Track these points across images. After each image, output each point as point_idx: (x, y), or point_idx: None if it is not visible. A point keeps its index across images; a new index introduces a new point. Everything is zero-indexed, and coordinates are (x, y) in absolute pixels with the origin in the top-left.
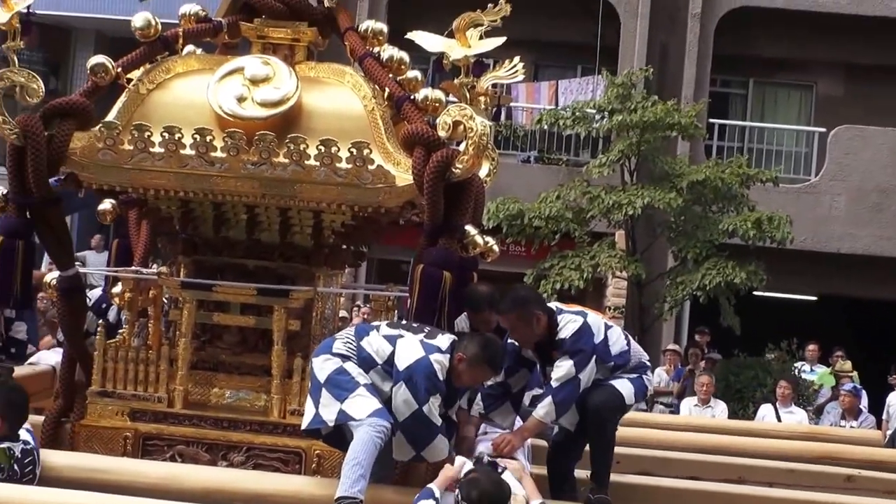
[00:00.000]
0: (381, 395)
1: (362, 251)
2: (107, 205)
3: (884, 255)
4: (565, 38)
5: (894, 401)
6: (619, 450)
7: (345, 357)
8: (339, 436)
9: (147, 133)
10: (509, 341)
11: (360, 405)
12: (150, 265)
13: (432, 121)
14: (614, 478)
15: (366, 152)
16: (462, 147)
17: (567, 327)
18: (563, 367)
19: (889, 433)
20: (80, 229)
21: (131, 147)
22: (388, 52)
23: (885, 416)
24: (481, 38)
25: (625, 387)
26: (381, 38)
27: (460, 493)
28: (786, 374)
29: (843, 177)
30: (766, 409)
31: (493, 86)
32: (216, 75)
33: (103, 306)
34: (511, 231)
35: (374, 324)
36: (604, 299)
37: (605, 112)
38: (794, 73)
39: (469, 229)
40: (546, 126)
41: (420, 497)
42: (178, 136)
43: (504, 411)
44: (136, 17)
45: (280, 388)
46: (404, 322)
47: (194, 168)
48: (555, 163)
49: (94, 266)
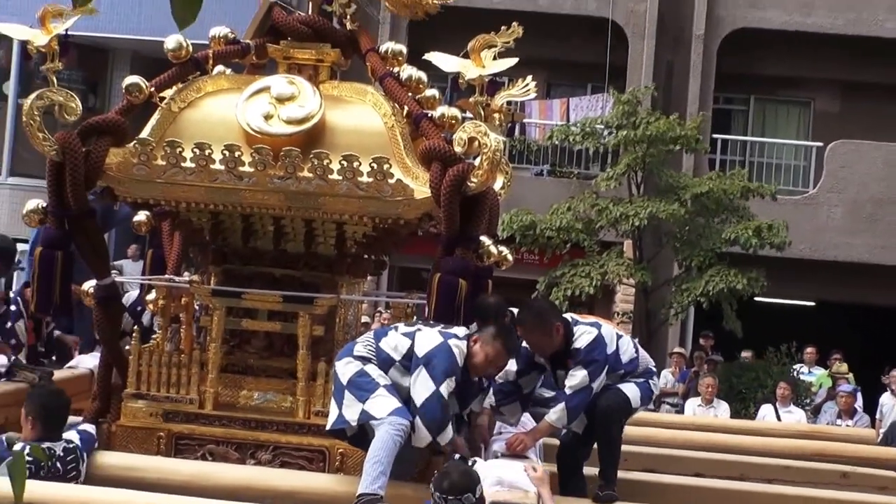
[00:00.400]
0: (400, 393)
1: (383, 260)
2: (142, 217)
3: (878, 263)
4: (576, 59)
5: (887, 401)
6: (627, 448)
7: (365, 359)
8: (363, 436)
9: (179, 149)
10: (523, 345)
11: (381, 405)
12: (182, 274)
13: (449, 137)
14: (621, 475)
15: (386, 167)
16: (477, 161)
17: (582, 338)
18: (577, 377)
19: (882, 432)
20: (117, 239)
21: (164, 162)
22: (407, 71)
23: (878, 416)
24: (495, 58)
25: (632, 391)
26: (401, 58)
27: (433, 485)
28: (785, 376)
29: (840, 189)
30: (766, 409)
31: (507, 103)
32: (244, 94)
33: (138, 308)
34: (524, 241)
35: (392, 325)
36: (613, 305)
37: (613, 128)
38: (793, 90)
39: (484, 239)
40: (557, 141)
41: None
42: (208, 151)
43: (513, 408)
44: (169, 40)
45: (305, 390)
46: (422, 321)
47: (224, 182)
48: (566, 176)
49: (131, 274)
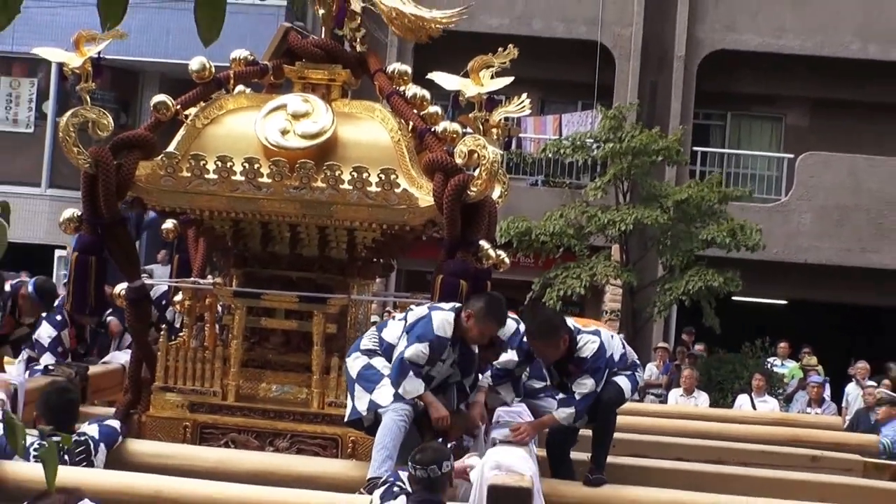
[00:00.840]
0: None
1: (391, 263)
2: (169, 224)
3: (845, 264)
4: (568, 78)
5: (853, 390)
6: (615, 435)
7: (371, 352)
8: (378, 424)
9: (203, 162)
10: (523, 340)
11: (387, 393)
12: (206, 276)
13: (450, 150)
14: (610, 460)
15: (393, 177)
16: (476, 172)
17: (587, 347)
18: (587, 385)
19: (848, 419)
20: (147, 245)
21: (189, 174)
22: (411, 90)
23: (844, 404)
24: (492, 77)
25: (624, 383)
26: (406, 78)
27: (410, 457)
28: (760, 369)
29: (809, 197)
30: (742, 399)
31: (504, 119)
32: (262, 111)
33: (163, 302)
34: (521, 245)
35: (392, 317)
36: (602, 305)
37: (601, 141)
38: (766, 106)
39: (483, 244)
40: (550, 154)
41: None
42: (229, 164)
43: (507, 388)
44: (193, 61)
45: (319, 383)
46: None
47: (244, 192)
48: (558, 186)
49: (160, 277)
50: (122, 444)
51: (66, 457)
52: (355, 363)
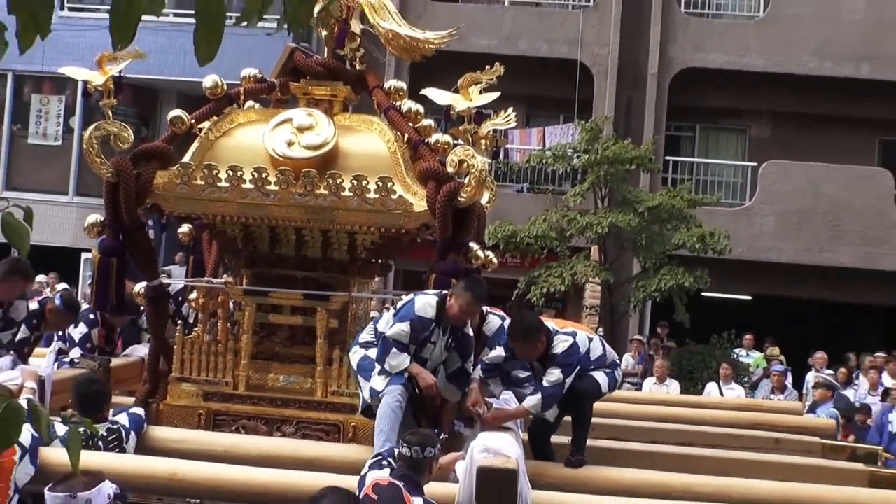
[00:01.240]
0: None
1: (388, 264)
2: (185, 228)
3: (804, 263)
4: (551, 94)
5: (812, 378)
6: (594, 420)
7: (368, 344)
8: None
9: (215, 171)
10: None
11: (381, 379)
12: (219, 276)
13: (442, 159)
14: (590, 443)
15: (389, 185)
16: (466, 180)
17: (560, 345)
18: (554, 375)
19: (808, 404)
20: (166, 248)
21: (203, 182)
22: (407, 104)
23: (804, 391)
24: (481, 93)
25: (602, 378)
26: (402, 94)
27: (401, 438)
28: (727, 359)
29: (771, 202)
30: (711, 386)
31: (492, 131)
32: (270, 124)
33: (179, 298)
34: (507, 247)
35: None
36: (582, 301)
37: (580, 152)
38: (732, 119)
39: (473, 245)
40: (534, 163)
41: None
42: (240, 173)
43: (496, 381)
44: (207, 79)
45: (323, 373)
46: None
47: (253, 199)
48: (542, 192)
49: (178, 277)
50: (144, 431)
51: (99, 443)
52: (355, 356)
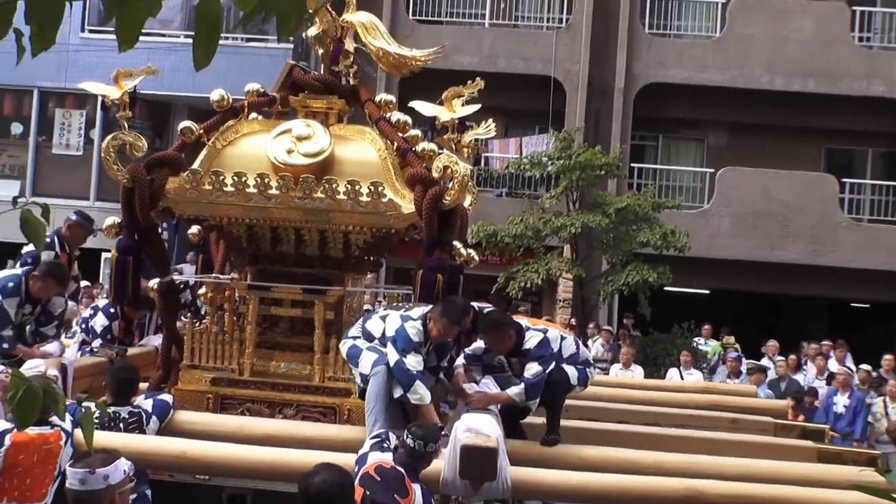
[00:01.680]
0: (381, 353)
1: (380, 261)
2: (194, 229)
3: (757, 260)
4: (527, 107)
5: (764, 364)
6: (568, 402)
7: (355, 338)
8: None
9: (222, 177)
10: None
11: (367, 362)
12: (225, 273)
13: (428, 166)
14: (563, 423)
15: (380, 189)
16: (450, 184)
17: (531, 340)
18: (533, 368)
19: (762, 388)
20: (178, 248)
21: (210, 187)
22: (396, 116)
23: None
24: (463, 105)
25: (572, 372)
26: (391, 106)
27: (407, 429)
28: (687, 347)
29: (727, 204)
30: (672, 372)
31: (474, 140)
32: (271, 134)
33: (191, 297)
34: (488, 245)
35: (373, 312)
36: (556, 294)
37: (554, 159)
38: (691, 129)
39: (457, 244)
40: (513, 170)
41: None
42: (244, 178)
43: (478, 369)
44: (214, 93)
45: (320, 360)
46: (394, 305)
47: (256, 202)
48: (519, 196)
49: (189, 274)
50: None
51: (120, 424)
52: (344, 347)
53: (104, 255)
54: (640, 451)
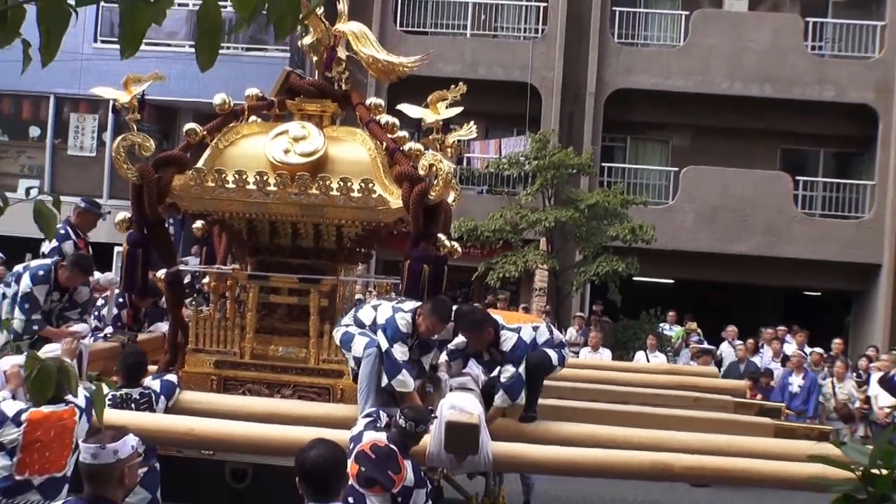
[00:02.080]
0: (371, 338)
1: (370, 252)
2: (199, 224)
3: (717, 252)
4: (506, 111)
5: (725, 348)
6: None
7: (347, 325)
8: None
9: (224, 175)
10: None
11: (359, 345)
12: (227, 264)
13: (415, 164)
14: (540, 402)
15: (371, 186)
16: (435, 181)
17: (507, 343)
18: (509, 371)
19: (722, 370)
20: (184, 241)
21: (213, 184)
22: (384, 118)
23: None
24: (447, 108)
25: (552, 353)
26: (381, 109)
27: (400, 411)
28: (653, 332)
29: (690, 200)
30: (639, 355)
31: (457, 141)
32: (270, 135)
33: (197, 286)
34: (469, 239)
35: (365, 301)
36: (532, 284)
37: (530, 159)
38: (657, 131)
39: (441, 236)
40: (492, 169)
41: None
42: (244, 176)
43: (458, 362)
44: (216, 98)
45: (315, 344)
46: (386, 297)
47: (256, 198)
48: (498, 193)
49: (194, 266)
50: (175, 398)
51: (132, 405)
52: (337, 335)
53: (117, 248)
54: (611, 427)
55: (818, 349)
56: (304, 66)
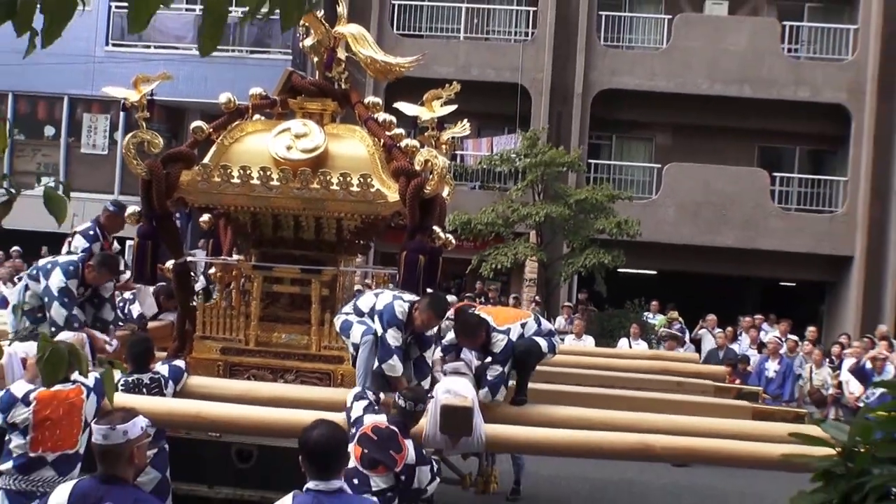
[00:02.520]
0: (369, 325)
1: (369, 244)
2: (205, 217)
3: (698, 244)
4: (497, 110)
5: (705, 335)
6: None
7: (347, 313)
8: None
9: (229, 170)
10: None
11: (357, 332)
12: (232, 255)
13: (411, 160)
14: (530, 386)
15: (369, 180)
16: (431, 176)
17: (497, 344)
18: (496, 370)
19: (703, 357)
20: (192, 234)
21: (219, 179)
22: (382, 116)
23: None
24: (442, 106)
25: (541, 341)
26: (378, 107)
27: (403, 396)
28: (637, 320)
29: (673, 195)
30: (623, 342)
31: (451, 138)
32: (273, 132)
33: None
34: (463, 231)
35: (365, 291)
36: (523, 275)
37: (521, 156)
38: (641, 130)
39: (436, 229)
40: (485, 166)
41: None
42: (249, 171)
43: (452, 356)
44: (221, 96)
45: (317, 332)
46: (387, 287)
47: (260, 192)
48: (490, 189)
49: (201, 257)
50: (183, 382)
51: (143, 389)
52: (337, 322)
53: (128, 242)
54: (598, 409)
55: (793, 336)
56: (306, 66)
